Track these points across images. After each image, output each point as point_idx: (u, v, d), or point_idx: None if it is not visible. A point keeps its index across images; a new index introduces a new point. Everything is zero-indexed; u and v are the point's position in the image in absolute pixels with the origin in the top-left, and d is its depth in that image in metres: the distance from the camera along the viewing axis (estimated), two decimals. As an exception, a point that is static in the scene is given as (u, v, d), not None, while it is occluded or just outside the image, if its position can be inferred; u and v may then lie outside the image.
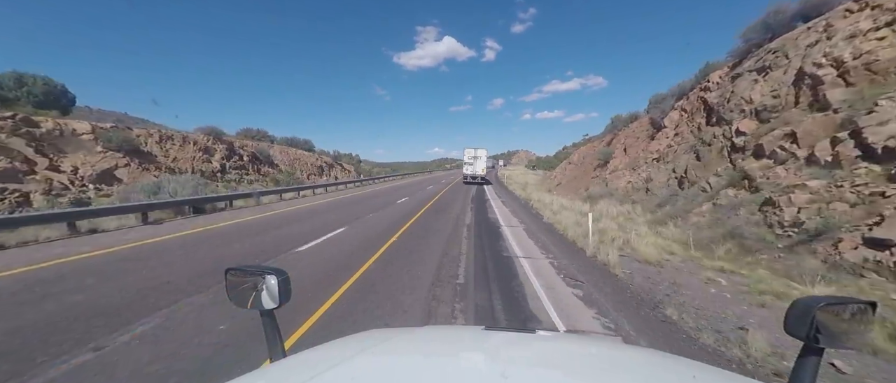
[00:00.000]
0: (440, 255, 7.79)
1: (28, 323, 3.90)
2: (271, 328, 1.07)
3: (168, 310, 4.33)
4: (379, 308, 4.60)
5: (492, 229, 11.77)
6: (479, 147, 33.31)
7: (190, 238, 8.81)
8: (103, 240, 8.34)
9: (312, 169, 37.68)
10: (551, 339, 1.44)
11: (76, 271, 5.83)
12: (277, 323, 1.09)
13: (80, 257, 6.72)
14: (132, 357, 3.28)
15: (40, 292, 4.84)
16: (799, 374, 0.80)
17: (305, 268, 6.39)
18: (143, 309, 4.35)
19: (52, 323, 3.91)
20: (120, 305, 4.45)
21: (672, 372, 1.03)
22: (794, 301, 0.84)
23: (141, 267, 6.13)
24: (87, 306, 4.39)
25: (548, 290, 5.53)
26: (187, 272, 5.84)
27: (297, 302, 4.51)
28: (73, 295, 4.72)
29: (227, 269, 1.15)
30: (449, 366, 1.03)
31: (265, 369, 1.02)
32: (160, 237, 8.74)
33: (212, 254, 7.19)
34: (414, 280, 5.86)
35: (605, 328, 4.32)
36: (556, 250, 8.65)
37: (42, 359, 3.18)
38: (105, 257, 6.82)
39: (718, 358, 3.74)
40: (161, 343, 3.55)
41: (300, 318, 4.15)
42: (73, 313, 4.17)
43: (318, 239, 9.14)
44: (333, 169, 43.94)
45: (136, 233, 9.32)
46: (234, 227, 10.66)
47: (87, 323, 3.93)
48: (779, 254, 7.27)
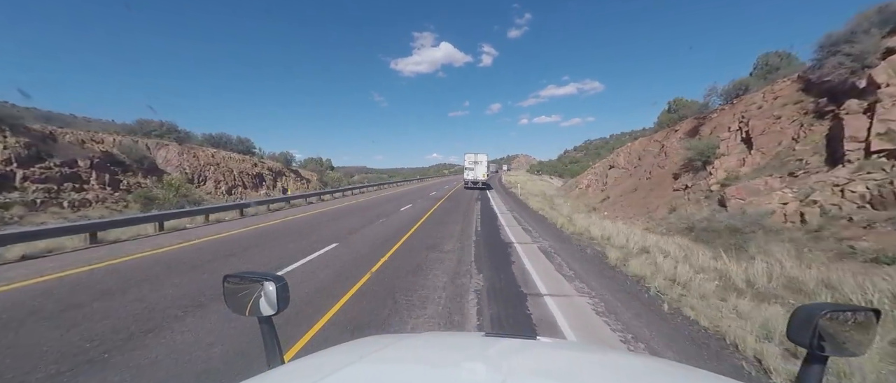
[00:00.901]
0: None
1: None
2: (269, 334, 1.05)
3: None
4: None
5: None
6: (480, 152, 32.05)
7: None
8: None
9: (241, 179, 26.19)
10: (552, 347, 1.42)
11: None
12: (275, 329, 1.06)
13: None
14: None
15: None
16: (803, 382, 0.79)
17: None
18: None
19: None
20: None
21: (673, 380, 1.02)
22: (796, 308, 0.83)
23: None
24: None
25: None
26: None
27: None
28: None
29: (225, 276, 1.12)
30: (448, 374, 1.01)
31: (263, 375, 0.94)
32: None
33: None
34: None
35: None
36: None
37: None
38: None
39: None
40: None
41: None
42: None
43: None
44: (283, 178, 32.51)
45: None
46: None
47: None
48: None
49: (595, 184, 27.31)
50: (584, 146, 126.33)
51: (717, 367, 3.27)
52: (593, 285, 5.65)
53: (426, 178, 74.26)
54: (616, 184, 22.97)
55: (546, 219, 13.94)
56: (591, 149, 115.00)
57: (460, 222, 12.67)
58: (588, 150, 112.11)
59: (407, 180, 52.96)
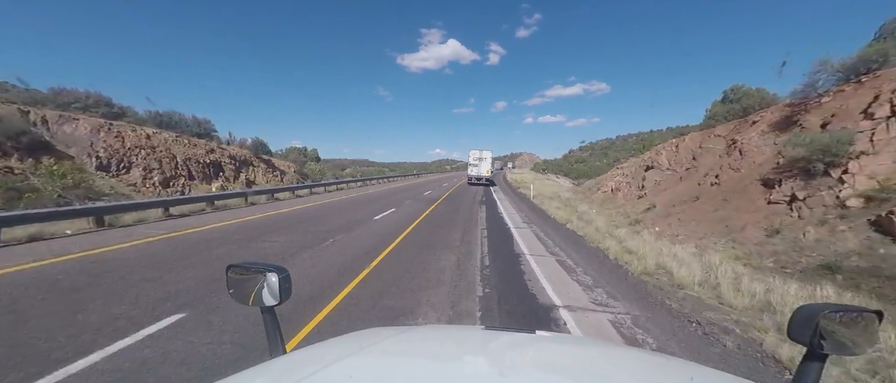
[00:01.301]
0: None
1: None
2: (272, 325, 1.04)
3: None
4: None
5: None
6: (484, 149, 31.71)
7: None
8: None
9: (187, 168, 20.96)
10: (551, 341, 1.40)
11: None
12: (278, 320, 1.05)
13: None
14: None
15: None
16: (801, 380, 0.80)
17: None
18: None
19: None
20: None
21: (670, 373, 1.01)
22: (798, 307, 0.83)
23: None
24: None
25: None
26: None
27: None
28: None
29: (228, 266, 1.11)
30: (447, 366, 1.01)
31: (265, 365, 0.96)
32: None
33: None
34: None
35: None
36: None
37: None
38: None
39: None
40: None
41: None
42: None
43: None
44: (249, 169, 27.32)
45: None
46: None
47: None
48: None
49: (626, 187, 22.07)
50: (589, 146, 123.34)
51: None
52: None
53: (425, 173, 65.44)
54: (660, 190, 17.71)
55: (584, 241, 8.83)
56: (596, 149, 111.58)
57: (457, 245, 7.60)
58: (593, 150, 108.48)
59: (403, 175, 47.32)
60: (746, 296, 4.84)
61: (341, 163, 75.85)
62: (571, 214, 13.85)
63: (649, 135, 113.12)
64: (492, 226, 10.48)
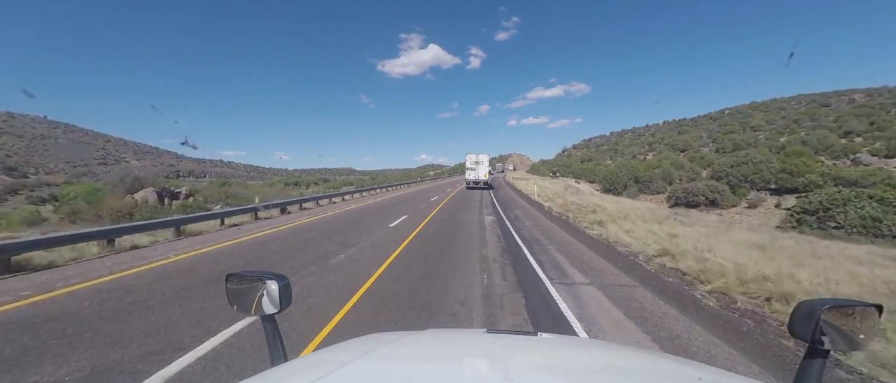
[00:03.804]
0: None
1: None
2: (272, 332, 1.04)
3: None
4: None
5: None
6: (481, 153, 32.66)
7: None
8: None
9: None
10: (554, 343, 1.37)
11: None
12: (278, 328, 1.06)
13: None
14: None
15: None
16: (803, 376, 0.77)
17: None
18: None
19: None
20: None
21: (676, 375, 0.98)
22: (799, 302, 0.80)
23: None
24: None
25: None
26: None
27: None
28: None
29: (227, 275, 1.10)
30: (451, 370, 1.00)
31: (266, 373, 0.94)
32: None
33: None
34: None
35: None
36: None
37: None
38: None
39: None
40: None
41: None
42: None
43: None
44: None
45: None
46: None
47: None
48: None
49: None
50: (584, 144, 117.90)
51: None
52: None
53: (403, 184, 42.48)
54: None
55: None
56: (592, 146, 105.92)
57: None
58: (589, 148, 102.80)
59: (376, 188, 32.73)
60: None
61: (313, 172, 67.09)
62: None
63: (645, 129, 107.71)
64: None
